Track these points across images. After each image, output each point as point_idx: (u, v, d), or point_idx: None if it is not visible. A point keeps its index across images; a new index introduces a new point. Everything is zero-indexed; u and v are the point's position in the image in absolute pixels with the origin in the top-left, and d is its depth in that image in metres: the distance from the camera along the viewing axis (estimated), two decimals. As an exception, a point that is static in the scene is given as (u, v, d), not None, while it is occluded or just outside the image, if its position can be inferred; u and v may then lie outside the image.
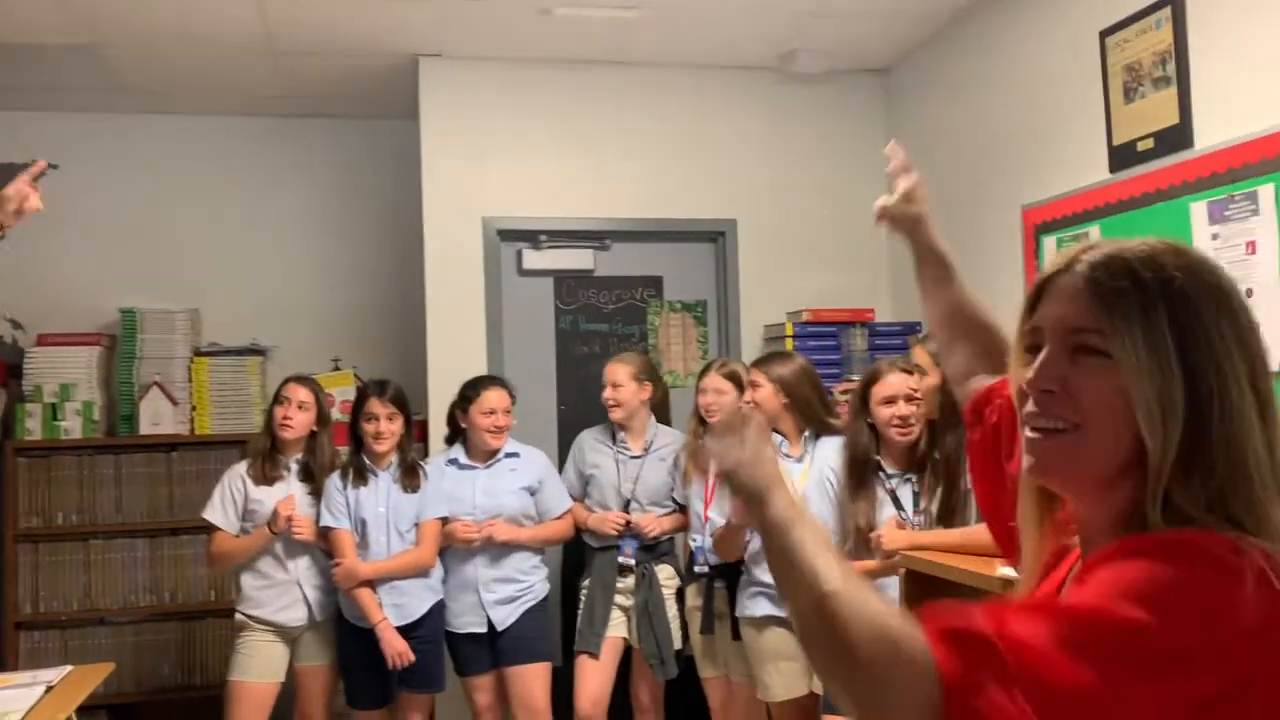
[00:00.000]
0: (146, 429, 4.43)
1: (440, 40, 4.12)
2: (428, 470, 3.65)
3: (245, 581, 3.54)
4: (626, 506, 3.72)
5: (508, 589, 3.62)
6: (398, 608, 3.50)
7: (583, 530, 3.80)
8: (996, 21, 3.78)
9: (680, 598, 3.70)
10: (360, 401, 3.62)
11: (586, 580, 3.76)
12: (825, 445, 3.29)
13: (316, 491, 3.57)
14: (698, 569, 3.54)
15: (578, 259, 4.44)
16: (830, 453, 3.19)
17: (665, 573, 3.72)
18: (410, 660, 3.45)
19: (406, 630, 3.48)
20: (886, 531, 2.86)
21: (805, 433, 3.35)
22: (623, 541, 3.68)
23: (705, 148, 4.47)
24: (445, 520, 3.59)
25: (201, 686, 4.39)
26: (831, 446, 3.22)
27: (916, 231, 1.55)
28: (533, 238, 4.39)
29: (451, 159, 4.28)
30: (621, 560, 3.68)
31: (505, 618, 3.59)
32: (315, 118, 4.97)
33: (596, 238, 4.45)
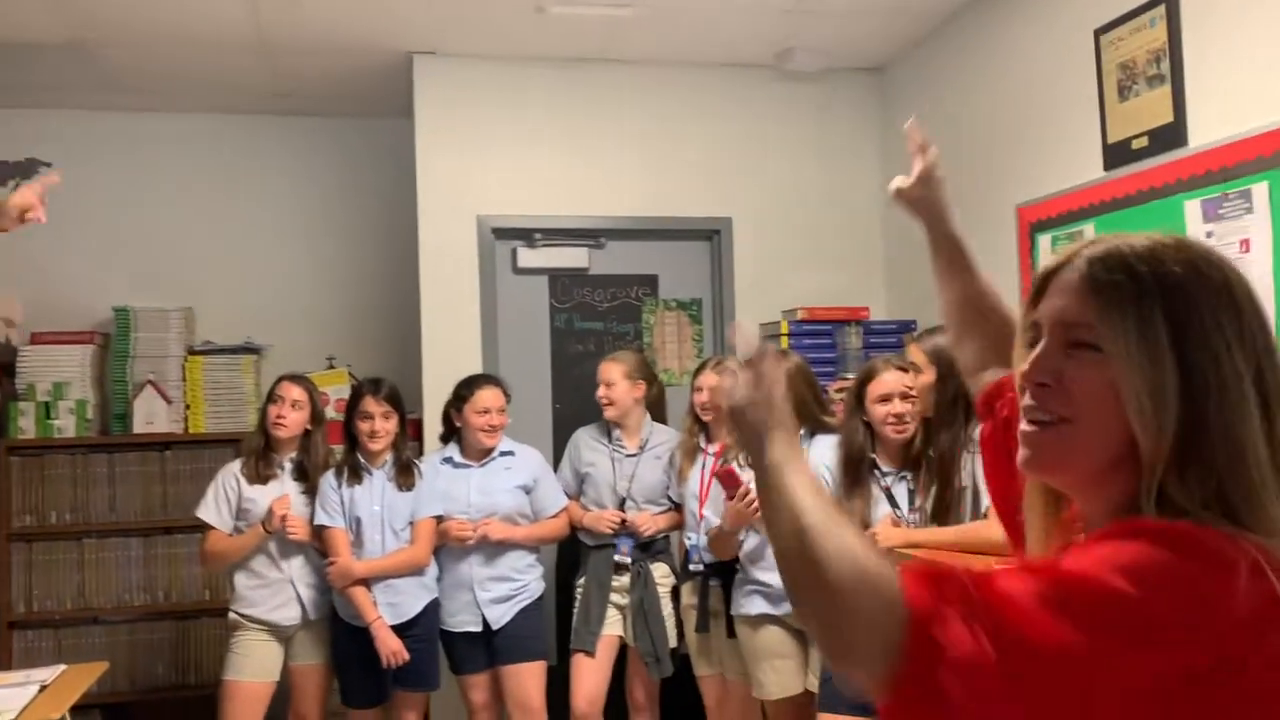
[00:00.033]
0: (140, 428, 4.42)
1: (434, 38, 4.11)
2: (422, 469, 3.64)
3: (239, 580, 3.54)
4: (622, 505, 3.73)
5: (503, 588, 3.62)
6: (392, 606, 3.49)
7: (578, 529, 3.80)
8: (991, 20, 3.78)
9: (675, 596, 3.70)
10: (355, 400, 3.61)
11: (582, 579, 3.76)
12: (820, 444, 3.28)
13: (310, 490, 3.56)
14: (693, 567, 3.54)
15: (573, 257, 4.44)
16: (825, 451, 3.19)
17: (661, 571, 3.73)
18: (405, 659, 3.45)
19: (401, 629, 3.48)
20: (881, 529, 2.86)
21: (800, 431, 3.35)
22: (618, 540, 3.69)
23: (700, 146, 4.47)
24: (440, 519, 3.59)
25: (196, 686, 4.38)
26: (826, 445, 3.22)
27: (931, 216, 1.49)
28: (527, 236, 4.38)
29: (446, 157, 4.27)
30: (617, 559, 3.68)
31: (500, 616, 3.59)
32: (309, 116, 4.96)
33: (591, 236, 4.45)
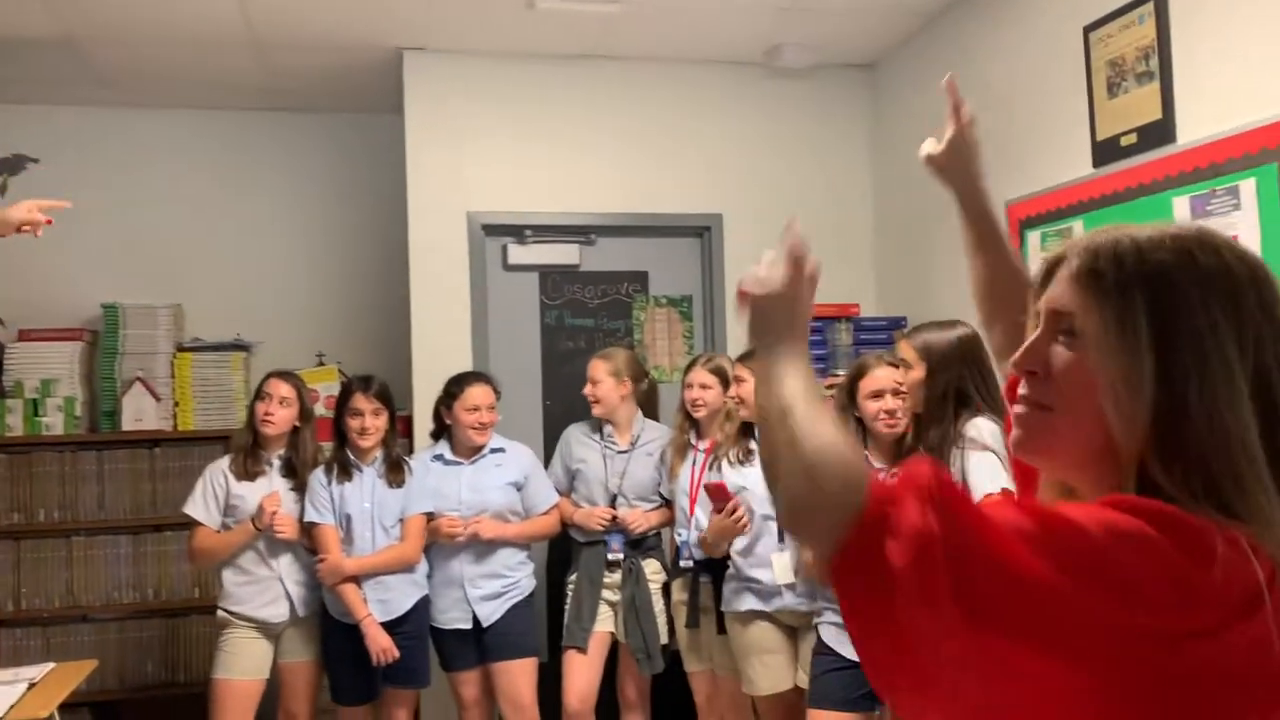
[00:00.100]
0: (129, 425, 4.40)
1: (424, 34, 4.10)
2: (413, 466, 3.64)
3: (227, 577, 3.52)
4: (613, 501, 3.73)
5: (493, 585, 3.62)
6: (382, 603, 3.49)
7: (569, 526, 3.80)
8: (981, 17, 3.79)
9: (667, 592, 3.70)
10: (345, 397, 3.61)
11: (573, 575, 3.76)
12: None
13: (299, 487, 3.55)
14: (683, 563, 3.55)
15: (563, 254, 4.43)
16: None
17: (652, 567, 3.73)
18: (395, 656, 3.44)
19: (391, 626, 3.47)
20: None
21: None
22: (609, 537, 3.69)
23: (691, 142, 4.47)
24: (430, 516, 3.59)
25: (185, 684, 4.36)
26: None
27: (962, 186, 1.43)
28: (518, 232, 4.38)
29: (436, 153, 4.26)
30: (609, 556, 3.68)
31: (491, 613, 3.59)
32: (298, 112, 4.94)
33: (582, 233, 4.44)
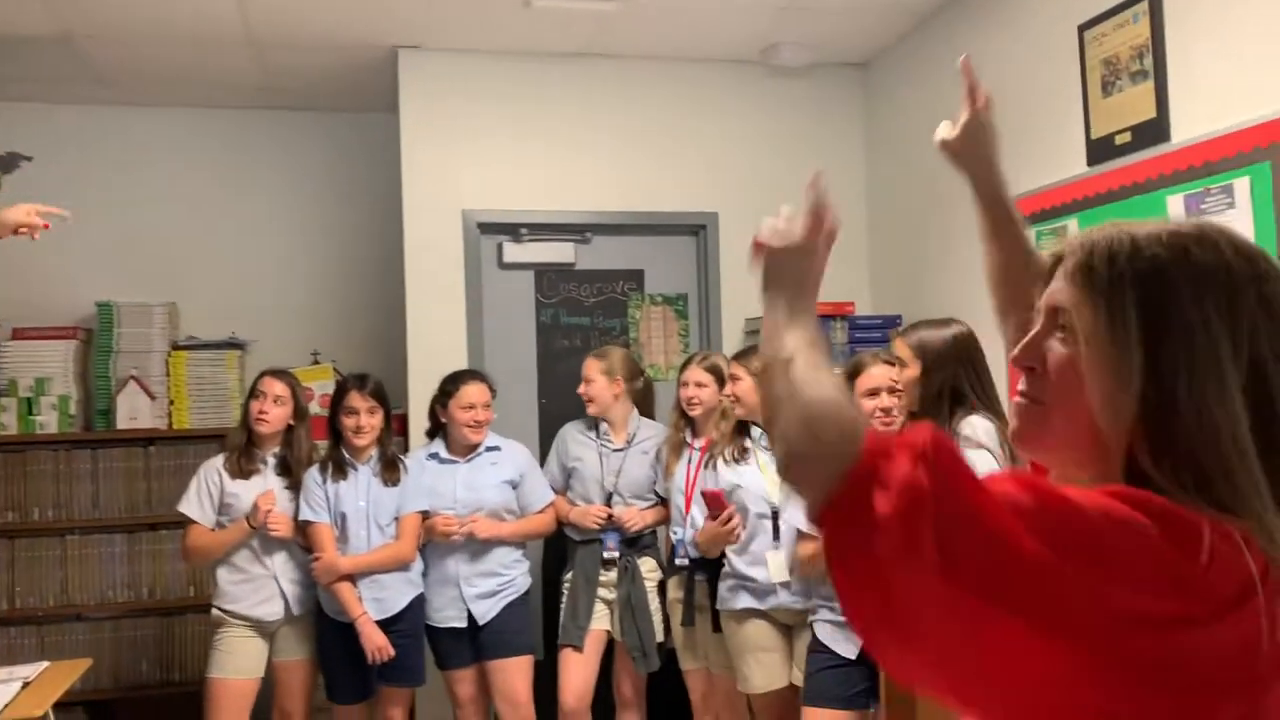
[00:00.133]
0: (124, 423, 4.39)
1: (420, 32, 4.09)
2: (408, 464, 3.64)
3: (222, 576, 3.52)
4: (609, 499, 3.73)
5: (489, 583, 3.62)
6: (377, 602, 3.49)
7: (564, 524, 3.80)
8: (975, 15, 3.79)
9: (662, 590, 3.71)
10: (340, 395, 3.60)
11: (569, 574, 3.76)
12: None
13: (294, 485, 3.55)
14: (679, 561, 3.55)
15: (558, 252, 4.43)
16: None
17: (648, 565, 3.73)
18: (390, 655, 3.44)
19: (386, 624, 3.47)
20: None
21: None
22: (604, 535, 3.69)
23: (686, 141, 4.47)
24: (425, 514, 3.58)
25: (180, 683, 4.36)
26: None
27: (977, 171, 1.40)
28: (513, 231, 4.37)
29: (431, 152, 4.26)
30: (605, 554, 3.68)
31: (486, 612, 3.59)
32: (294, 110, 4.93)
33: (577, 231, 4.44)
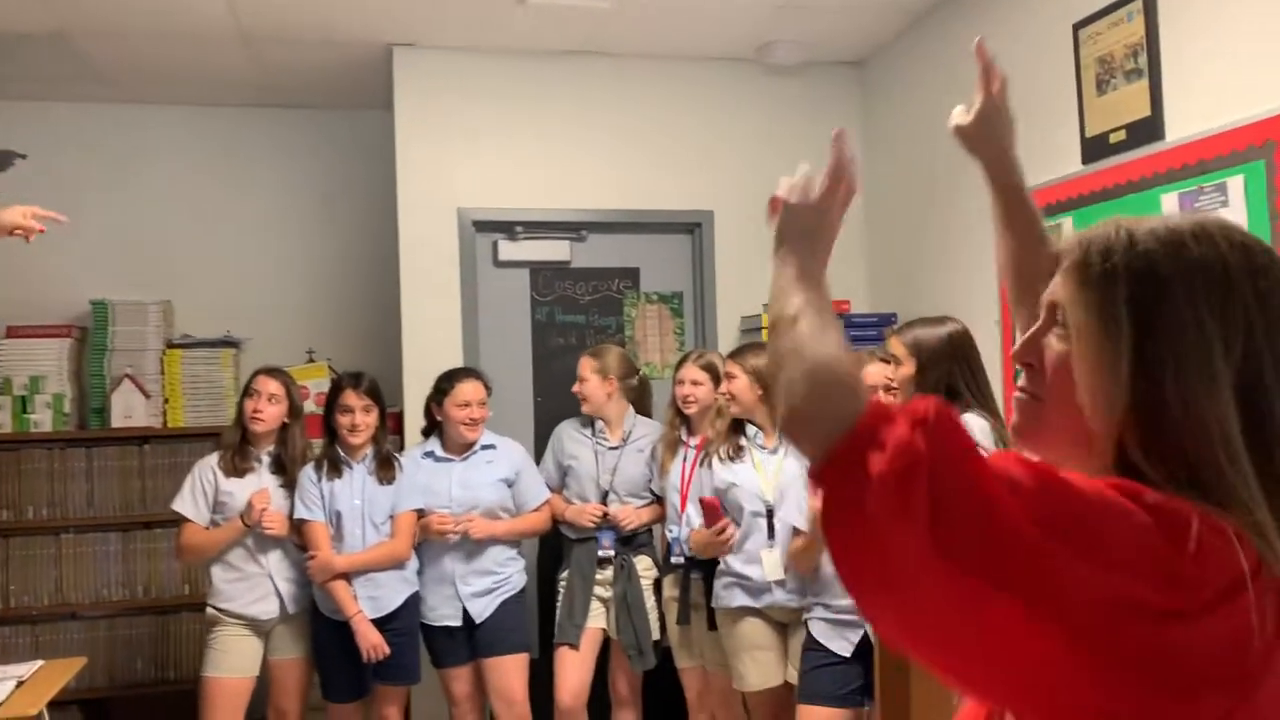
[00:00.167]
0: (118, 422, 4.39)
1: (414, 30, 4.09)
2: (403, 462, 3.63)
3: (216, 575, 3.51)
4: (605, 498, 3.73)
5: (484, 581, 3.61)
6: (373, 600, 3.48)
7: (560, 522, 3.80)
8: (970, 14, 3.79)
9: (658, 588, 3.71)
10: (335, 393, 3.60)
11: (565, 572, 3.77)
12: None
13: (288, 484, 3.55)
14: (674, 560, 3.55)
15: (554, 250, 4.43)
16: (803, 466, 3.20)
17: (644, 564, 3.74)
18: (385, 653, 3.44)
19: (381, 623, 3.47)
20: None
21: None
22: (600, 534, 3.69)
23: (682, 139, 4.47)
24: (421, 512, 3.58)
25: (175, 681, 4.36)
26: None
27: (991, 158, 1.37)
28: (508, 229, 4.37)
29: (426, 149, 4.25)
30: (600, 553, 3.69)
31: (482, 610, 3.59)
32: (288, 108, 4.92)
33: (573, 229, 4.44)
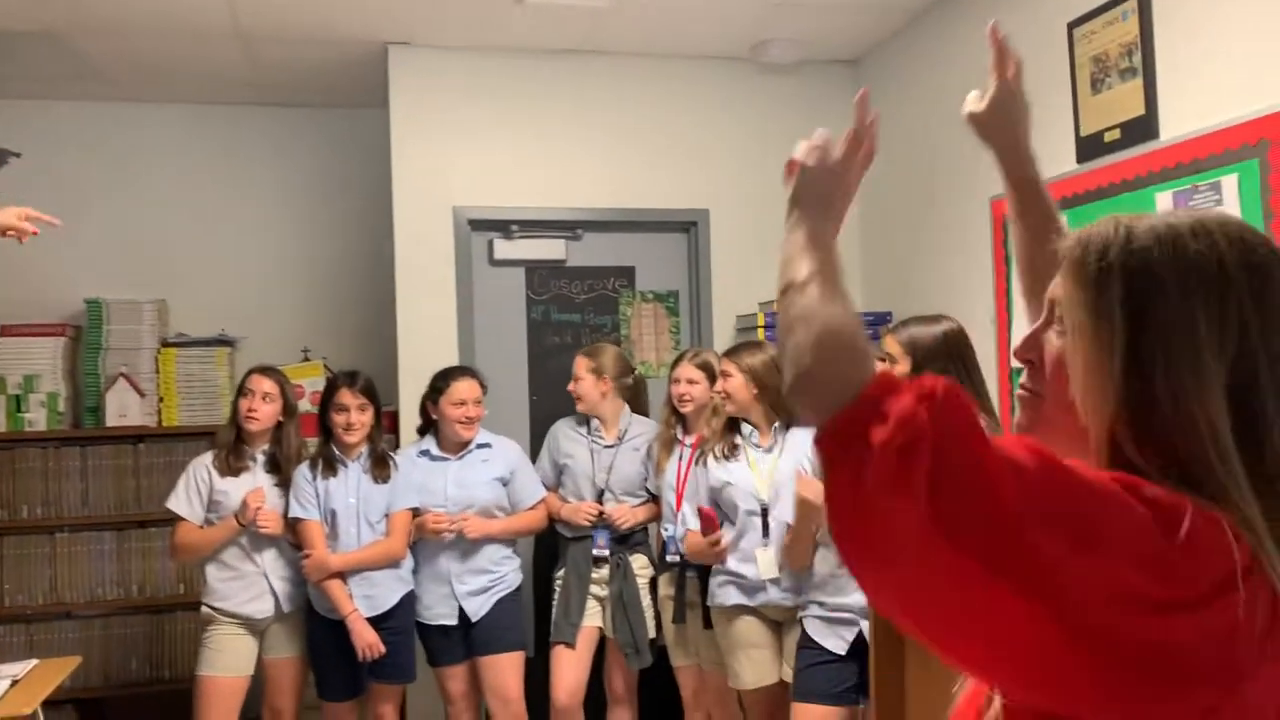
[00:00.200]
0: (113, 421, 4.38)
1: (410, 28, 4.08)
2: (399, 461, 3.63)
3: (211, 573, 3.51)
4: (600, 496, 3.73)
5: (480, 580, 3.62)
6: (368, 599, 3.48)
7: (556, 521, 3.80)
8: (966, 12, 3.79)
9: (654, 587, 3.71)
10: (330, 392, 3.59)
11: (561, 571, 3.77)
12: (796, 435, 3.29)
13: (283, 482, 3.54)
14: (670, 558, 3.55)
15: (549, 249, 4.42)
16: (803, 441, 3.20)
17: (640, 562, 3.74)
18: (381, 652, 3.44)
19: (377, 621, 3.47)
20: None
21: (775, 423, 3.36)
22: (595, 532, 3.69)
23: (677, 138, 4.47)
24: (416, 511, 3.58)
25: (170, 680, 4.36)
26: (804, 436, 3.23)
27: (1004, 147, 1.35)
28: (504, 227, 4.37)
29: (422, 148, 4.25)
30: (596, 552, 3.69)
31: (478, 608, 3.59)
32: (284, 106, 4.92)
33: (568, 228, 4.43)
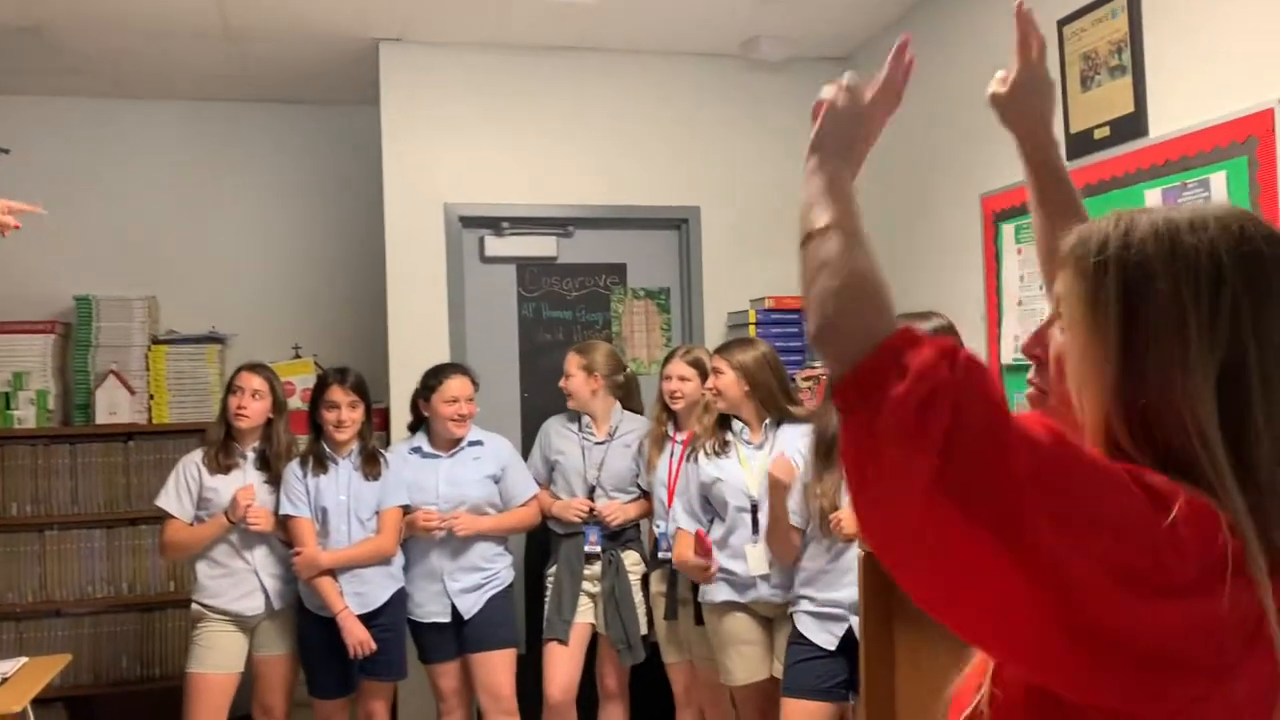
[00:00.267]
0: (103, 418, 4.37)
1: (401, 24, 4.08)
2: (390, 458, 3.63)
3: (201, 571, 3.51)
4: (591, 493, 3.74)
5: (472, 577, 3.62)
6: (359, 596, 3.48)
7: (548, 517, 3.80)
8: (955, 10, 3.80)
9: (646, 583, 3.72)
10: (320, 389, 3.59)
11: (553, 567, 3.77)
12: (787, 432, 3.30)
13: (273, 480, 3.54)
14: (661, 555, 3.56)
15: (540, 246, 4.42)
16: (795, 439, 3.21)
17: (631, 559, 3.74)
18: (372, 649, 3.44)
19: (368, 619, 3.47)
20: (847, 514, 2.88)
21: (766, 420, 3.36)
22: (586, 529, 3.70)
23: (668, 135, 4.47)
24: (407, 508, 3.58)
25: (160, 678, 4.35)
26: (795, 434, 3.23)
27: (1027, 131, 1.32)
28: (495, 224, 4.36)
29: (412, 145, 4.24)
30: (587, 548, 3.69)
31: (471, 606, 3.59)
32: (274, 103, 4.91)
33: (559, 225, 4.43)
